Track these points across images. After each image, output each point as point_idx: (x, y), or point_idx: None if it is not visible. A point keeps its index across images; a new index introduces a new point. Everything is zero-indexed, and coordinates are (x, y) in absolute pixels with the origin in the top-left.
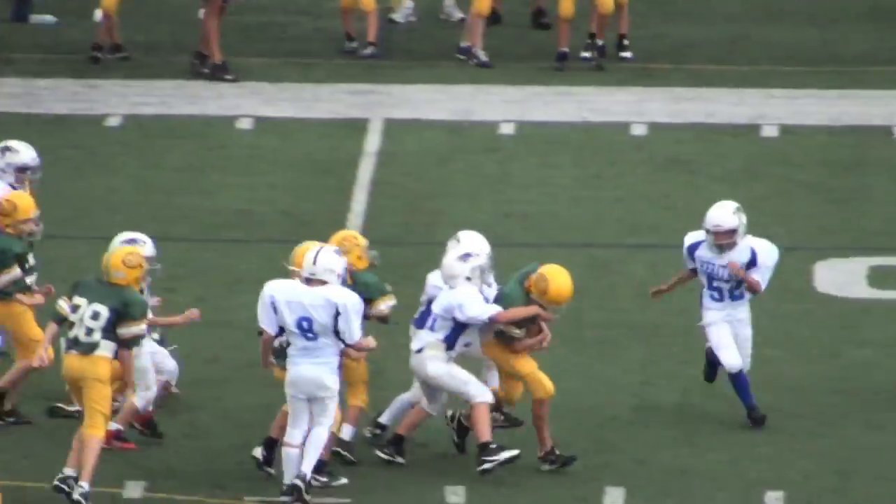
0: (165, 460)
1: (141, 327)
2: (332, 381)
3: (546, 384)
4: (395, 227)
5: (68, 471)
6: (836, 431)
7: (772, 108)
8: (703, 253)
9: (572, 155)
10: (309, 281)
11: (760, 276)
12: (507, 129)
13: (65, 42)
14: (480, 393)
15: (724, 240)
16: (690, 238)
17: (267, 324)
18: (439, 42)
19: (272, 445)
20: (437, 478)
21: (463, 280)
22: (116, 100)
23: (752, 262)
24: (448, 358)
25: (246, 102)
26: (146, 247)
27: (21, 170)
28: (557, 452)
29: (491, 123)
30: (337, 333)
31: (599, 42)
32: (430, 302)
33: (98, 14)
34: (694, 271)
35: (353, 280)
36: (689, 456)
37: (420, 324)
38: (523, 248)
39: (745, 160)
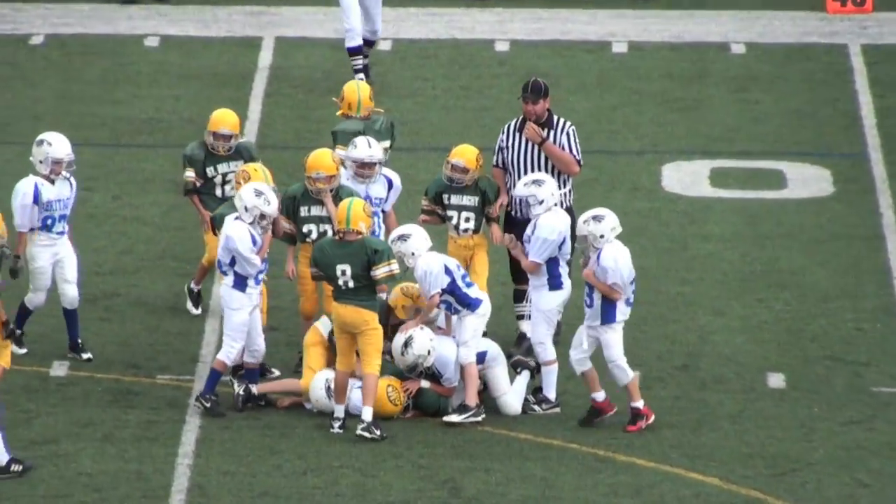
0: (86, 341)
1: None
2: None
3: None
4: (287, 134)
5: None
6: (684, 317)
7: (621, 27)
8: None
9: (443, 69)
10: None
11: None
12: (384, 45)
13: None
14: None
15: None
16: None
17: None
18: None
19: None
20: None
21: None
22: (40, 21)
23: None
24: None
25: (152, 23)
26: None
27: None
28: None
29: None
30: None
31: None
32: None
33: None
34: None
35: None
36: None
37: None
38: (400, 152)
39: (598, 74)
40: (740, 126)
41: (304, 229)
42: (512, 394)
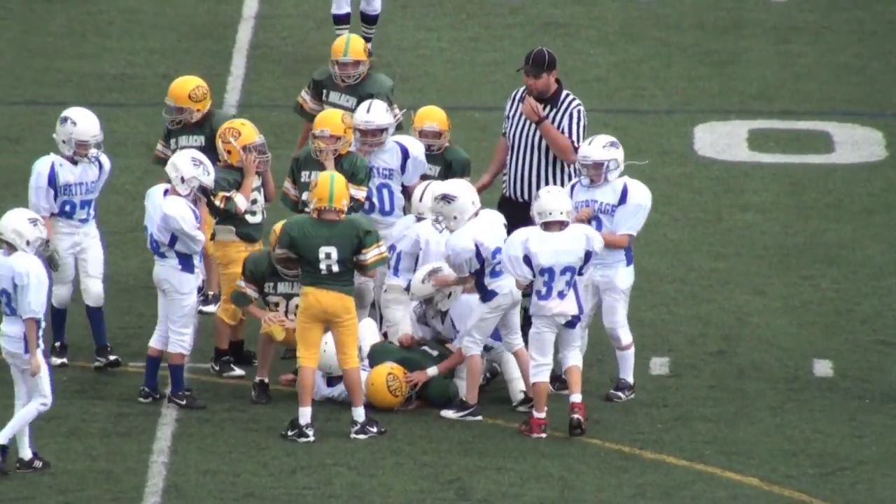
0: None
1: None
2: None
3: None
4: (275, 91)
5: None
6: (719, 296)
7: None
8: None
9: (448, 18)
10: None
11: None
12: None
13: None
14: None
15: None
16: None
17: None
18: None
19: None
20: None
21: None
22: None
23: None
24: None
25: None
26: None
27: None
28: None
29: None
30: None
31: None
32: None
33: None
34: None
35: None
36: None
37: None
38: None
39: (622, 23)
40: (782, 82)
41: (305, 196)
42: (522, 381)
